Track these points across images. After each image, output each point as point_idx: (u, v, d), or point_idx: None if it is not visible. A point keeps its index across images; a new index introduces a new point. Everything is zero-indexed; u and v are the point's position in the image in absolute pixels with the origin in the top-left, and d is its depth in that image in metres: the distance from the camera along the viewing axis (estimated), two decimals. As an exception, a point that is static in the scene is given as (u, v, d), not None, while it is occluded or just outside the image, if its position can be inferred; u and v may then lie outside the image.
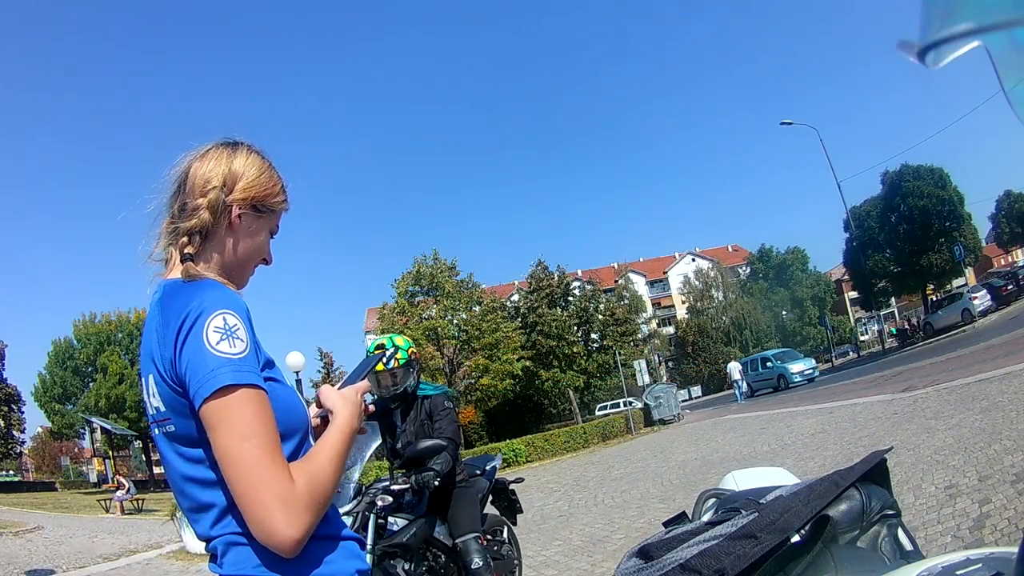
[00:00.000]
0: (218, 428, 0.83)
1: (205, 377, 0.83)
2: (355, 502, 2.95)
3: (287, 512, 0.81)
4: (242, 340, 0.87)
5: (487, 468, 3.78)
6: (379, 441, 3.35)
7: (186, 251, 0.97)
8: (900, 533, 0.84)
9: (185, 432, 0.89)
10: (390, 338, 3.25)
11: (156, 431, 0.95)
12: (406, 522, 3.10)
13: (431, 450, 3.05)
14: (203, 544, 0.97)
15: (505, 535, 3.78)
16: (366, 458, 3.21)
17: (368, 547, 2.83)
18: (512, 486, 4.04)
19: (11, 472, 39.52)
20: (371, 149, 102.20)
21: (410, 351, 3.25)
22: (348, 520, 2.82)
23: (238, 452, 0.82)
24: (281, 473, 0.83)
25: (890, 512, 0.85)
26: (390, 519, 3.09)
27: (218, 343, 0.85)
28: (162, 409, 0.91)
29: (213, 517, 0.89)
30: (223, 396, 0.83)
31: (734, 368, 24.64)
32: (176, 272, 0.97)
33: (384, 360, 3.13)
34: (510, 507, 4.00)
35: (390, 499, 2.97)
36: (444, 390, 3.40)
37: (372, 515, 2.92)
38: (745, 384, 24.23)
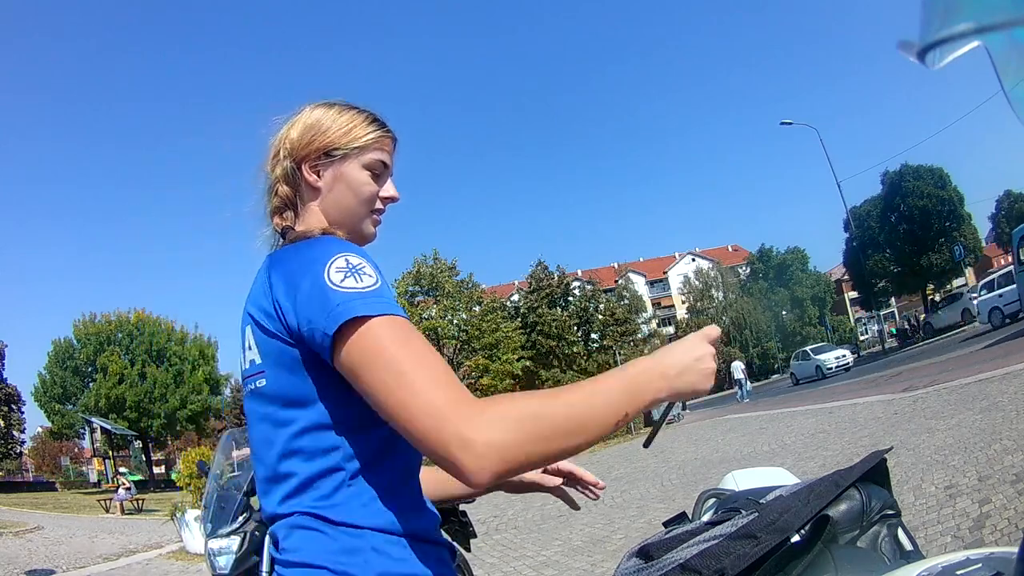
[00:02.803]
0: (361, 364, 0.71)
1: (331, 313, 0.72)
2: (243, 519, 2.69)
3: (474, 425, 0.65)
4: (370, 276, 0.77)
5: None
6: None
7: (284, 227, 0.92)
8: (900, 533, 0.84)
9: (276, 388, 0.80)
10: None
11: (248, 388, 0.86)
12: None
13: None
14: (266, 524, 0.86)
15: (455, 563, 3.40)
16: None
17: None
18: (463, 507, 3.46)
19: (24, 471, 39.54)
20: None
21: None
22: (233, 542, 2.57)
23: (394, 378, 0.69)
24: (458, 387, 0.69)
25: (890, 512, 0.85)
26: None
27: (342, 280, 0.75)
28: (257, 361, 0.82)
29: (286, 491, 0.79)
30: (355, 329, 0.71)
31: (737, 367, 24.96)
32: (296, 225, 0.93)
33: None
34: (462, 531, 3.47)
35: None
36: None
37: (268, 536, 2.54)
38: (748, 383, 24.79)
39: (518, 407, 0.68)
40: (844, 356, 23.15)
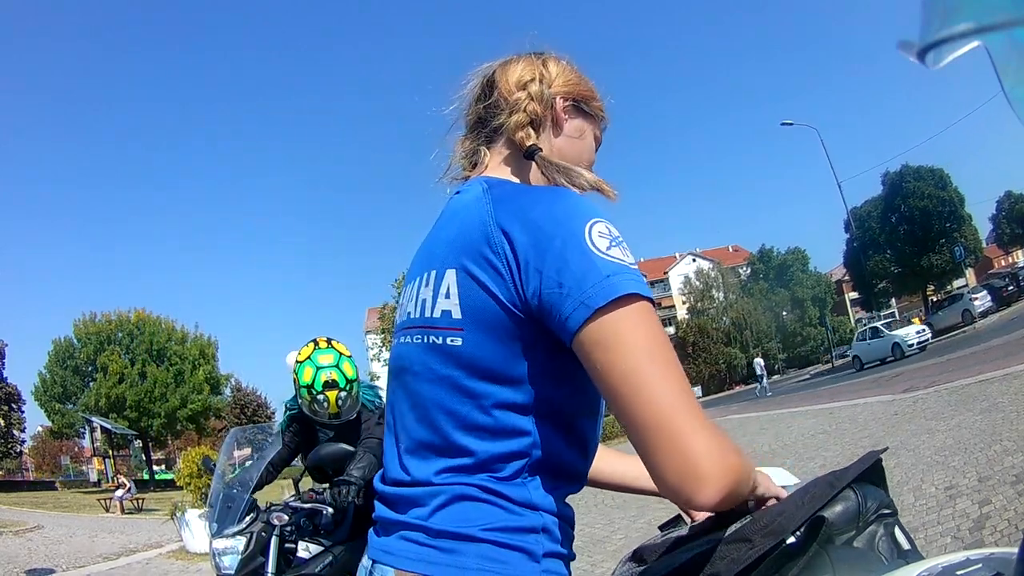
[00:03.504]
0: (613, 347, 0.63)
1: (601, 283, 0.64)
2: (249, 519, 2.56)
3: (720, 447, 0.62)
4: (631, 254, 0.69)
5: None
6: (279, 449, 2.98)
7: (529, 144, 0.82)
8: (897, 532, 0.84)
9: (475, 353, 0.70)
10: (340, 372, 2.65)
11: (422, 339, 0.75)
12: (321, 549, 2.62)
13: (338, 455, 2.54)
14: (384, 486, 0.79)
15: None
16: (263, 467, 2.87)
17: None
18: None
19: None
20: (372, 148, 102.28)
21: (347, 366, 2.70)
22: (239, 542, 2.49)
23: (651, 373, 0.62)
24: (698, 405, 0.64)
25: (887, 511, 0.85)
26: (301, 544, 2.61)
27: (608, 248, 0.66)
28: (455, 315, 0.71)
29: (453, 465, 0.71)
30: (622, 307, 0.64)
31: (758, 363, 26.96)
32: (496, 171, 0.85)
33: (340, 404, 2.64)
34: None
35: (286, 517, 2.52)
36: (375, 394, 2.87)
37: (275, 537, 2.48)
38: (767, 379, 26.46)
39: (735, 450, 0.66)
40: (924, 331, 20.03)
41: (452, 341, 0.71)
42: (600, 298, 0.63)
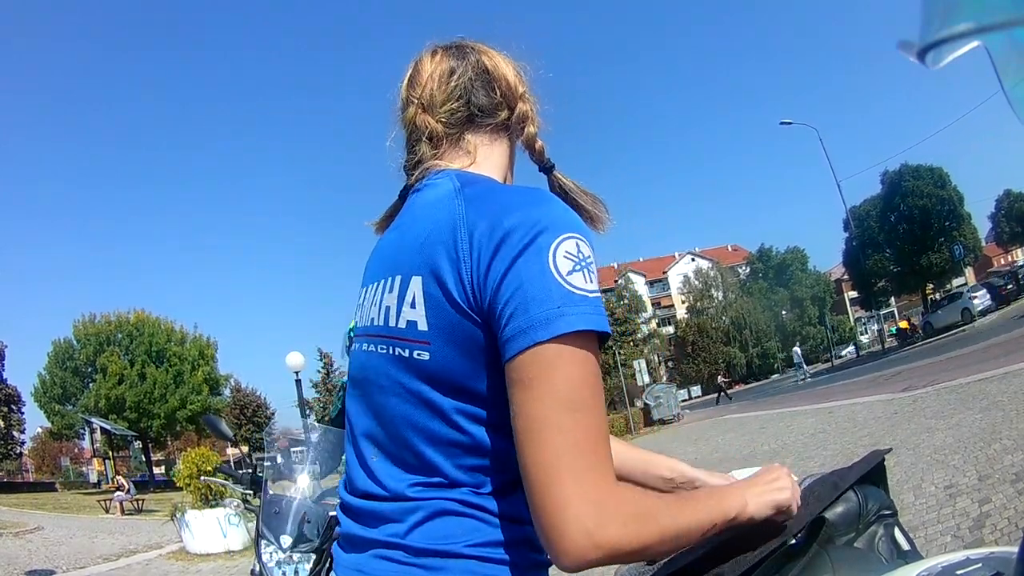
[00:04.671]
0: (533, 386, 0.60)
1: (547, 314, 0.60)
2: (322, 537, 2.38)
3: (597, 517, 0.58)
4: (595, 277, 0.64)
5: None
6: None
7: (546, 155, 0.83)
8: (897, 533, 0.84)
9: (443, 369, 0.66)
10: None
11: (387, 350, 0.71)
12: None
13: None
14: (351, 497, 0.75)
15: None
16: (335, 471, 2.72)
17: None
18: None
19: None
20: (372, 148, 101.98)
21: None
22: (308, 559, 2.33)
23: (556, 424, 0.59)
24: (606, 466, 0.60)
25: (887, 512, 0.85)
26: None
27: (569, 273, 0.62)
28: (420, 327, 0.67)
29: (426, 480, 0.68)
30: (560, 346, 0.60)
31: (796, 352, 29.09)
32: (480, 166, 0.81)
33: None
34: None
35: None
36: None
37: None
38: (806, 366, 28.36)
39: (642, 503, 0.62)
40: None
41: (419, 355, 0.67)
42: (542, 331, 0.60)
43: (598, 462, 0.60)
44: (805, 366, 28.41)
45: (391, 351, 0.70)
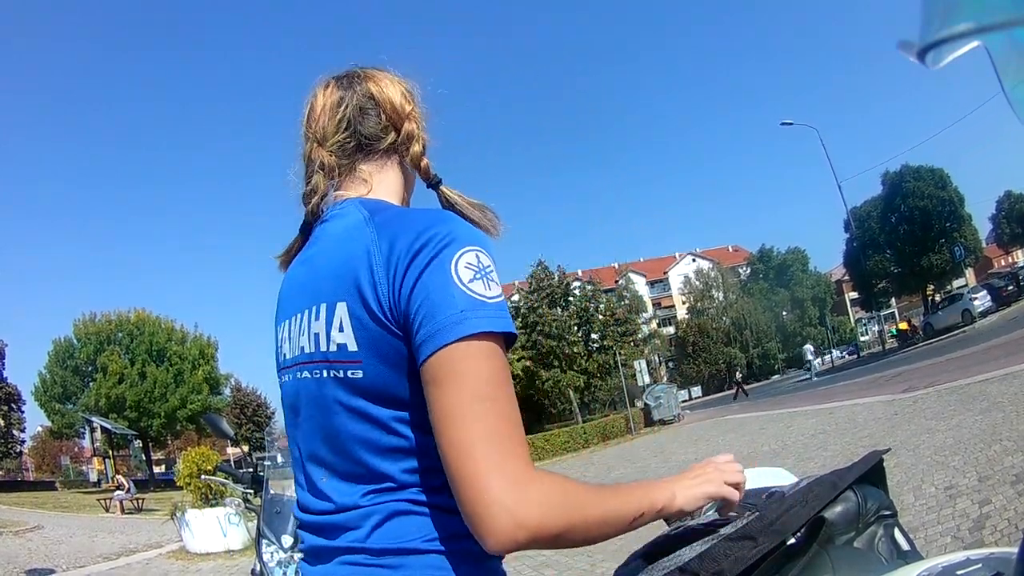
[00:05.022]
0: (446, 384, 0.65)
1: (451, 318, 0.66)
2: None
3: (519, 498, 0.62)
4: (497, 284, 0.70)
5: None
6: None
7: (432, 172, 0.88)
8: (897, 533, 0.84)
9: (377, 383, 0.71)
10: None
11: (322, 374, 0.75)
12: None
13: None
14: (309, 516, 0.78)
15: None
16: None
17: None
18: None
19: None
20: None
21: None
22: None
23: (468, 414, 0.64)
24: (523, 452, 0.65)
25: (886, 512, 0.85)
26: None
27: (471, 280, 0.68)
28: (351, 348, 0.72)
29: (377, 487, 0.73)
30: (465, 345, 0.66)
31: (807, 350, 29.25)
32: (378, 191, 0.86)
33: None
34: None
35: None
36: None
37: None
38: (818, 363, 28.86)
39: (563, 488, 0.66)
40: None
41: (353, 374, 0.72)
42: (447, 334, 0.66)
43: (514, 448, 0.64)
44: (817, 364, 28.90)
45: (326, 374, 0.75)
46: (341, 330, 0.73)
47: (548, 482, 0.65)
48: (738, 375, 34.06)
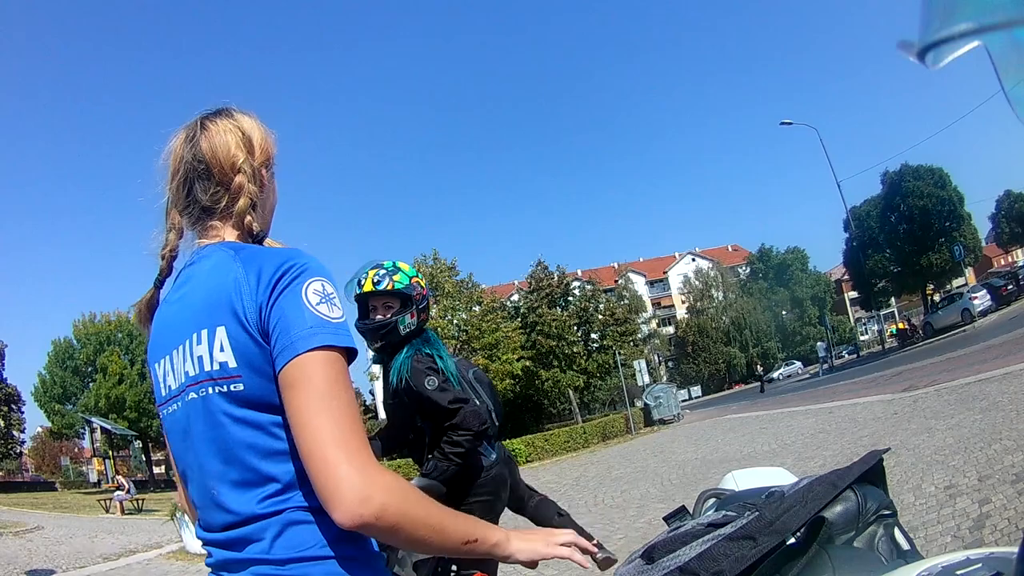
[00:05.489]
0: (298, 386, 0.78)
1: (302, 334, 0.79)
2: None
3: (364, 478, 0.74)
4: (339, 308, 0.85)
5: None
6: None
7: (255, 227, 0.96)
8: (897, 533, 0.84)
9: (255, 393, 0.82)
10: (392, 262, 2.38)
11: (208, 391, 0.84)
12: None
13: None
14: (213, 533, 0.86)
15: None
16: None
17: None
18: None
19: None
20: (370, 148, 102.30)
21: (415, 280, 2.33)
22: None
23: (317, 409, 0.77)
24: (366, 446, 0.78)
25: (886, 512, 0.85)
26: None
27: (318, 304, 0.82)
28: (231, 365, 0.82)
29: (267, 492, 0.81)
30: (314, 355, 0.79)
31: (820, 347, 31.19)
32: (223, 236, 0.96)
33: (375, 280, 2.28)
34: None
35: None
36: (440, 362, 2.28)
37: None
38: (828, 362, 29.88)
39: (404, 484, 0.80)
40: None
41: (235, 387, 0.83)
42: (299, 346, 0.79)
43: (359, 441, 0.77)
44: (829, 360, 30.20)
45: (212, 390, 0.84)
46: (222, 350, 0.83)
47: (392, 477, 0.78)
48: (759, 369, 36.27)
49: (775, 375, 38.65)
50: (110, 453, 23.53)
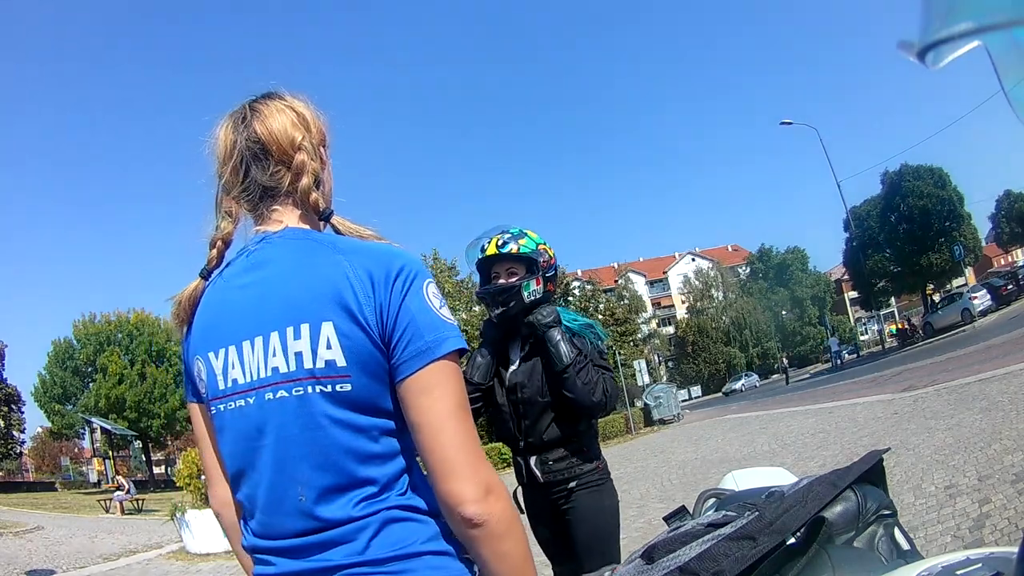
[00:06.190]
0: (435, 391, 0.78)
1: (439, 337, 0.79)
2: None
3: (489, 488, 0.77)
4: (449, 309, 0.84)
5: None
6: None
7: (321, 204, 0.90)
8: (897, 533, 0.84)
9: (363, 395, 0.79)
10: (519, 228, 2.18)
11: (307, 390, 0.79)
12: None
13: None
14: (277, 541, 0.81)
15: None
16: None
17: None
18: None
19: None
20: (369, 149, 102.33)
21: (542, 247, 2.14)
22: None
23: (453, 415, 0.78)
24: (480, 446, 0.81)
25: (886, 512, 0.85)
26: None
27: (440, 307, 0.82)
28: (339, 364, 0.78)
29: (364, 494, 0.79)
30: (450, 361, 0.79)
31: (833, 342, 32.71)
32: (284, 222, 0.90)
33: (500, 244, 2.10)
34: None
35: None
36: (594, 331, 2.18)
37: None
38: (841, 357, 31.13)
39: (515, 509, 0.82)
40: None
41: (341, 387, 0.79)
42: (435, 351, 0.79)
43: (481, 452, 0.80)
44: (841, 356, 31.48)
45: (312, 389, 0.79)
46: (329, 347, 0.79)
47: (507, 494, 0.81)
48: (784, 361, 37.50)
49: (737, 386, 39.79)
50: (110, 453, 23.53)
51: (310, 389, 0.79)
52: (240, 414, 0.83)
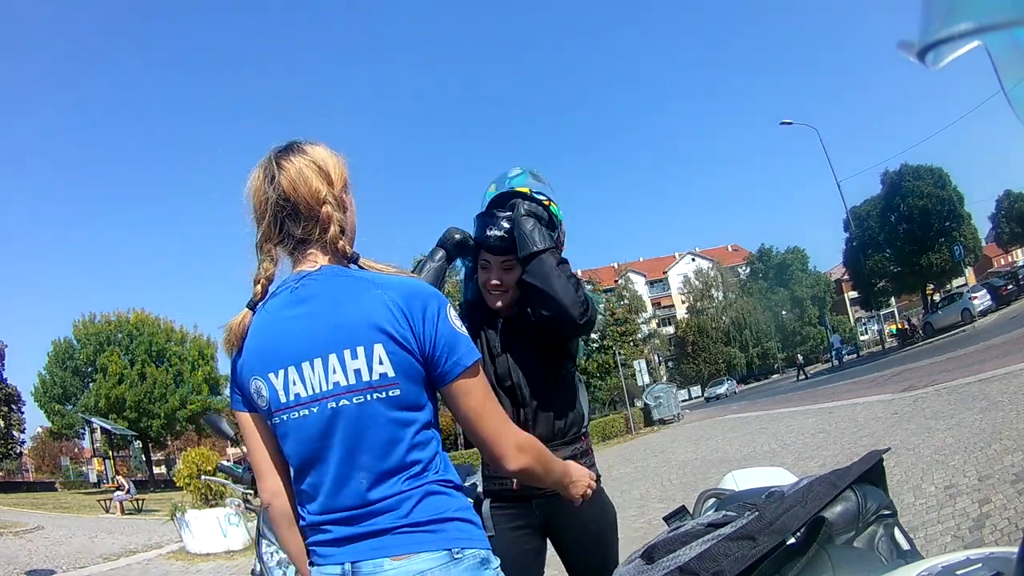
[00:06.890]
0: (474, 391, 1.06)
1: (468, 351, 1.05)
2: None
3: (520, 444, 1.10)
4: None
5: (466, 486, 2.40)
6: None
7: (348, 250, 1.09)
8: (897, 533, 0.84)
9: (409, 397, 1.03)
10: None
11: (367, 397, 1.01)
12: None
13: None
14: (335, 513, 1.02)
15: None
16: None
17: None
18: None
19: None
20: (368, 149, 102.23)
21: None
22: None
23: (491, 408, 1.08)
24: (514, 427, 1.13)
25: (886, 512, 0.85)
26: None
27: (461, 327, 1.07)
28: (389, 375, 1.01)
29: (411, 473, 1.02)
30: (477, 366, 1.06)
31: (836, 339, 33.99)
32: (318, 261, 1.09)
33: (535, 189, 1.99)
34: None
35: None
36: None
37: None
38: (842, 356, 32.29)
39: (536, 444, 1.14)
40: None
41: (393, 392, 1.01)
42: (468, 360, 1.05)
43: (509, 423, 1.12)
44: (841, 354, 32.50)
45: (370, 397, 1.01)
46: (381, 363, 1.01)
47: (533, 439, 1.15)
48: (799, 358, 37.88)
49: (721, 390, 39.46)
50: (110, 453, 23.53)
51: (369, 396, 1.01)
52: (304, 421, 1.02)
